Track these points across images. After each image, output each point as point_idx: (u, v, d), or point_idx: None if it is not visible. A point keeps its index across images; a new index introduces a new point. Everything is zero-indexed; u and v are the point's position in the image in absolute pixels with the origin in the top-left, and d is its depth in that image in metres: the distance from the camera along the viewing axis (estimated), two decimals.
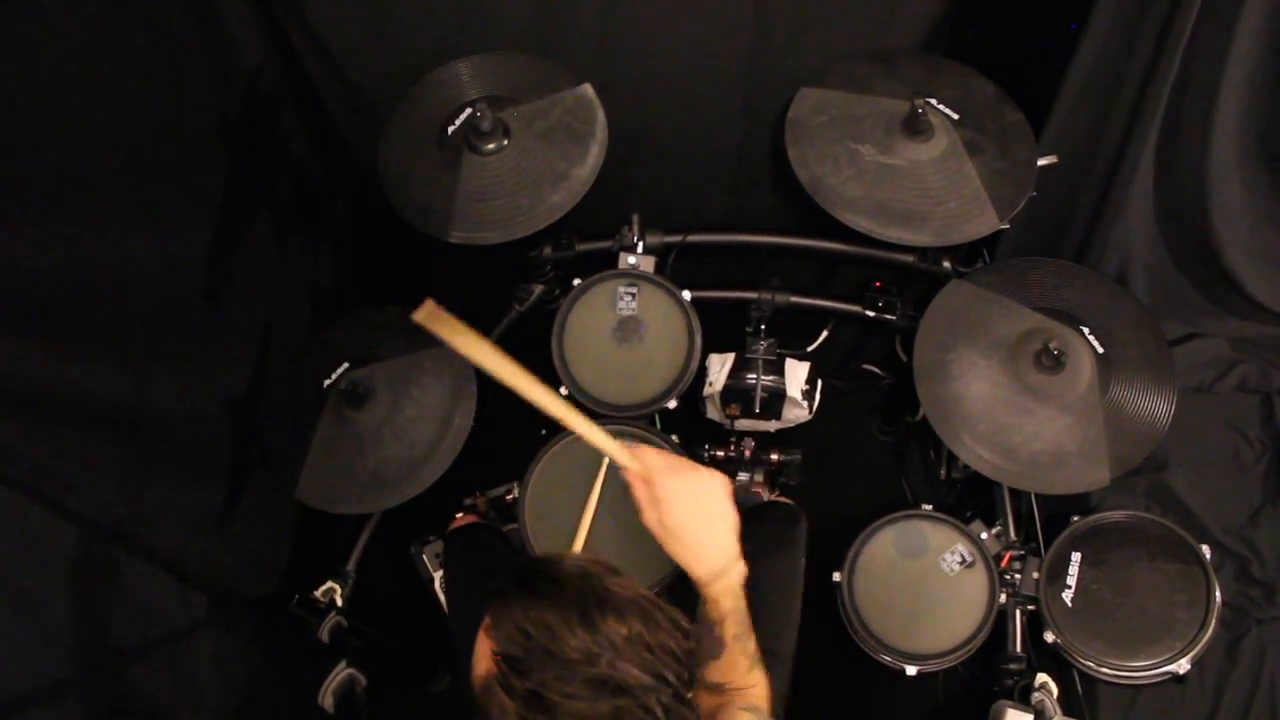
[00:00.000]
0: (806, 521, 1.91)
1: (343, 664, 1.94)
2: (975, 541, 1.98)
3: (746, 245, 2.32)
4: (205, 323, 1.70)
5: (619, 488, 1.90)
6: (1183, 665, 1.86)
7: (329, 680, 1.92)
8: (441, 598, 2.19)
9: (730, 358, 2.15)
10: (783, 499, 2.19)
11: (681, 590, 1.83)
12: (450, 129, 1.91)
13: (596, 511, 1.87)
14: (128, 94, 1.48)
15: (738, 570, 1.33)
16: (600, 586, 1.01)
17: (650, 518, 1.30)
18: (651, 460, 1.32)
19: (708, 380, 2.16)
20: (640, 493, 1.31)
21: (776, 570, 1.77)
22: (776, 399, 2.15)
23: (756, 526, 1.91)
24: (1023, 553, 2.00)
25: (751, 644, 1.35)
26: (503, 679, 0.97)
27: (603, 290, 2.00)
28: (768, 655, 1.67)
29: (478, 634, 1.06)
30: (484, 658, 1.02)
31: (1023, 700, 1.90)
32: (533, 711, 0.95)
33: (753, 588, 1.79)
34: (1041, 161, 1.88)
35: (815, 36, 1.99)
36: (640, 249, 2.09)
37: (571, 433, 1.92)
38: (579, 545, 1.73)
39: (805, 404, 2.16)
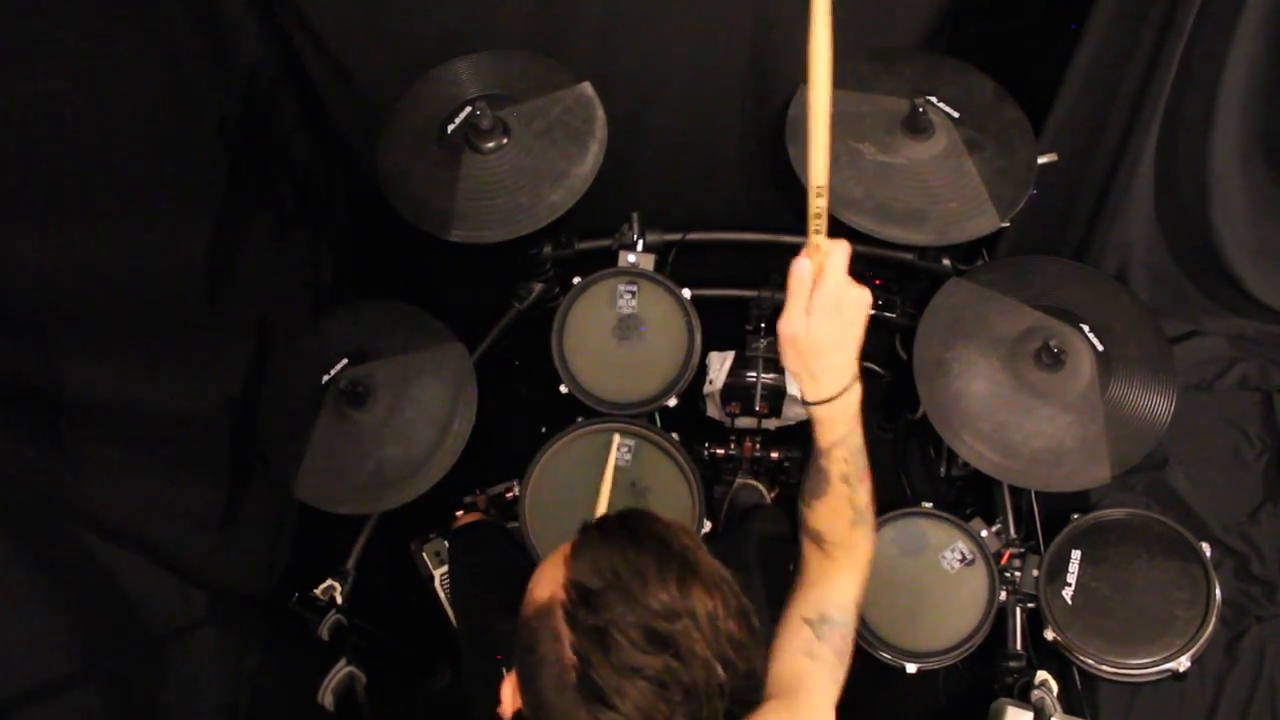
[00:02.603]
0: (787, 522, 1.92)
1: (343, 662, 1.94)
2: (975, 539, 1.98)
3: (746, 243, 2.32)
4: (205, 322, 1.70)
5: (619, 484, 1.91)
6: (1183, 663, 1.86)
7: (329, 678, 1.92)
8: (441, 595, 2.20)
9: (730, 355, 2.15)
10: (757, 500, 2.21)
11: None
12: (450, 127, 1.91)
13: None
14: (128, 93, 1.48)
15: (854, 393, 1.24)
16: (694, 557, 1.00)
17: (796, 324, 1.18)
18: (833, 263, 1.18)
19: (708, 378, 2.16)
20: (799, 289, 1.18)
21: (768, 569, 1.79)
22: (776, 397, 2.15)
23: (746, 526, 1.93)
24: (1023, 550, 2.00)
25: (861, 494, 1.27)
26: (571, 608, 0.97)
27: (603, 288, 2.00)
28: None
29: (544, 562, 1.04)
30: (550, 584, 1.00)
31: (1023, 698, 1.90)
32: (591, 646, 0.94)
33: (745, 585, 1.80)
34: (1042, 160, 1.88)
35: None
36: (640, 247, 2.09)
37: (572, 430, 1.94)
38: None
39: None
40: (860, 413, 1.26)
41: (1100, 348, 1.85)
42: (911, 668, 1.91)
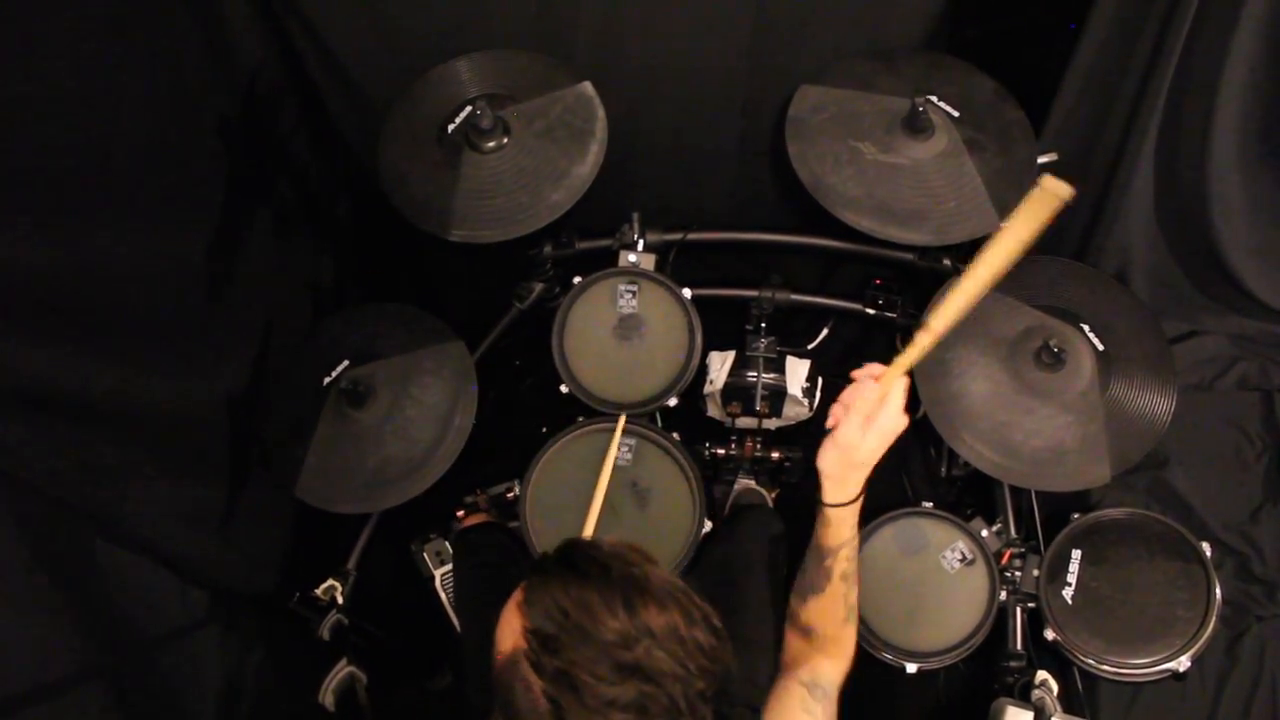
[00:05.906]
0: (782, 522, 1.94)
1: (343, 662, 1.94)
2: (976, 539, 1.98)
3: (747, 243, 2.32)
4: (206, 322, 1.71)
5: (620, 484, 1.91)
6: (1183, 663, 1.86)
7: (330, 678, 1.92)
8: (442, 595, 2.20)
9: (731, 355, 2.15)
10: (758, 502, 2.21)
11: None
12: (450, 127, 1.91)
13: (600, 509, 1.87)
14: (128, 94, 1.48)
15: (859, 501, 1.35)
16: (641, 574, 1.01)
17: (853, 436, 1.29)
18: (898, 395, 1.34)
19: (708, 378, 2.16)
20: (862, 408, 1.31)
21: (760, 566, 1.79)
22: (777, 397, 2.15)
23: (740, 526, 1.93)
24: (1023, 550, 2.00)
25: (854, 594, 1.37)
26: (533, 655, 0.98)
27: (603, 288, 2.00)
28: (749, 644, 1.68)
29: (503, 612, 1.05)
30: (512, 633, 1.02)
31: (1023, 698, 1.90)
32: (560, 690, 0.95)
33: (737, 582, 1.81)
34: (1042, 159, 1.89)
35: (815, 34, 1.99)
36: (641, 247, 2.09)
37: (572, 429, 1.94)
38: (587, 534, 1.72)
39: (806, 402, 2.16)
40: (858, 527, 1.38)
41: (1100, 347, 1.86)
42: (911, 668, 1.92)
